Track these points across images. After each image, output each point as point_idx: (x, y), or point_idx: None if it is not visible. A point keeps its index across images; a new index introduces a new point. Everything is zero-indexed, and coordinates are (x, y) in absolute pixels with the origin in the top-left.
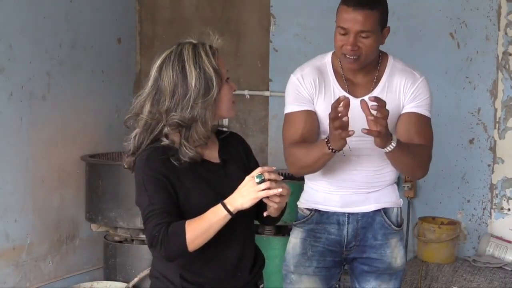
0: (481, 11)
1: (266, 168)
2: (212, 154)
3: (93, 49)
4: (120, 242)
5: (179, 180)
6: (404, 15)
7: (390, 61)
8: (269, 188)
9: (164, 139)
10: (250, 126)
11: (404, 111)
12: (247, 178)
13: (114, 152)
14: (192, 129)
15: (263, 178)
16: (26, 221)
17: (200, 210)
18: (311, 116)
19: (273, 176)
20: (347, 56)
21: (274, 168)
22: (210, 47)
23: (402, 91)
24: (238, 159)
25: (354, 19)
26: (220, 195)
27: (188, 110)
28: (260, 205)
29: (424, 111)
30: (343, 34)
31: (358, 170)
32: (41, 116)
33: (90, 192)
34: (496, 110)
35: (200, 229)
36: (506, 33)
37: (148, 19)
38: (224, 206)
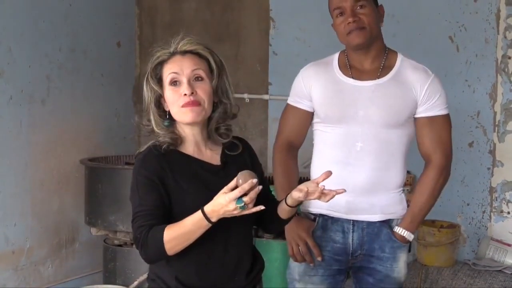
0: (480, 15)
1: (245, 186)
2: (214, 157)
3: (92, 53)
4: (120, 245)
5: (175, 180)
6: (404, 18)
7: (400, 56)
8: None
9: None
10: (250, 130)
11: (421, 114)
12: (225, 198)
13: (114, 155)
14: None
15: (243, 204)
16: (25, 225)
17: (195, 211)
18: (302, 116)
19: (253, 195)
20: (352, 30)
21: (255, 180)
22: (164, 52)
23: (416, 86)
24: (241, 162)
25: None
26: None
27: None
28: (261, 212)
29: (439, 111)
30: (341, 15)
31: (361, 167)
32: (41, 120)
33: (89, 196)
34: (495, 113)
35: (179, 235)
36: (505, 37)
37: (148, 23)
38: (204, 215)
